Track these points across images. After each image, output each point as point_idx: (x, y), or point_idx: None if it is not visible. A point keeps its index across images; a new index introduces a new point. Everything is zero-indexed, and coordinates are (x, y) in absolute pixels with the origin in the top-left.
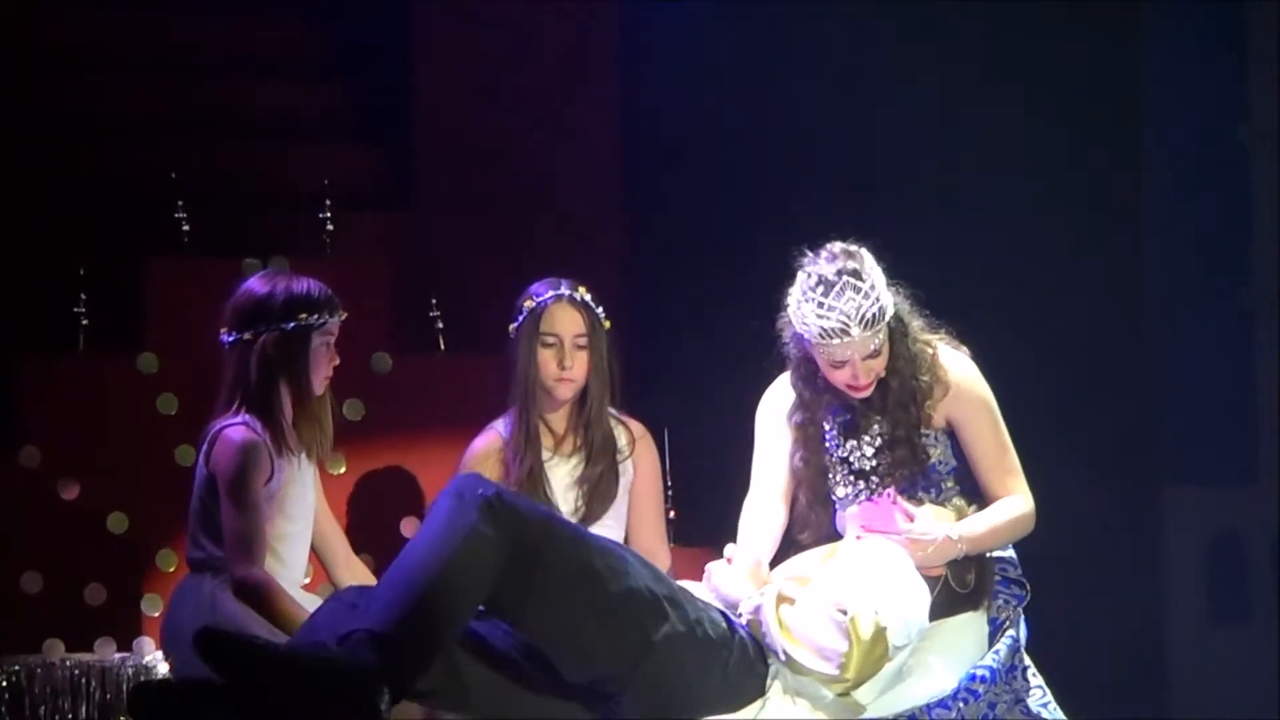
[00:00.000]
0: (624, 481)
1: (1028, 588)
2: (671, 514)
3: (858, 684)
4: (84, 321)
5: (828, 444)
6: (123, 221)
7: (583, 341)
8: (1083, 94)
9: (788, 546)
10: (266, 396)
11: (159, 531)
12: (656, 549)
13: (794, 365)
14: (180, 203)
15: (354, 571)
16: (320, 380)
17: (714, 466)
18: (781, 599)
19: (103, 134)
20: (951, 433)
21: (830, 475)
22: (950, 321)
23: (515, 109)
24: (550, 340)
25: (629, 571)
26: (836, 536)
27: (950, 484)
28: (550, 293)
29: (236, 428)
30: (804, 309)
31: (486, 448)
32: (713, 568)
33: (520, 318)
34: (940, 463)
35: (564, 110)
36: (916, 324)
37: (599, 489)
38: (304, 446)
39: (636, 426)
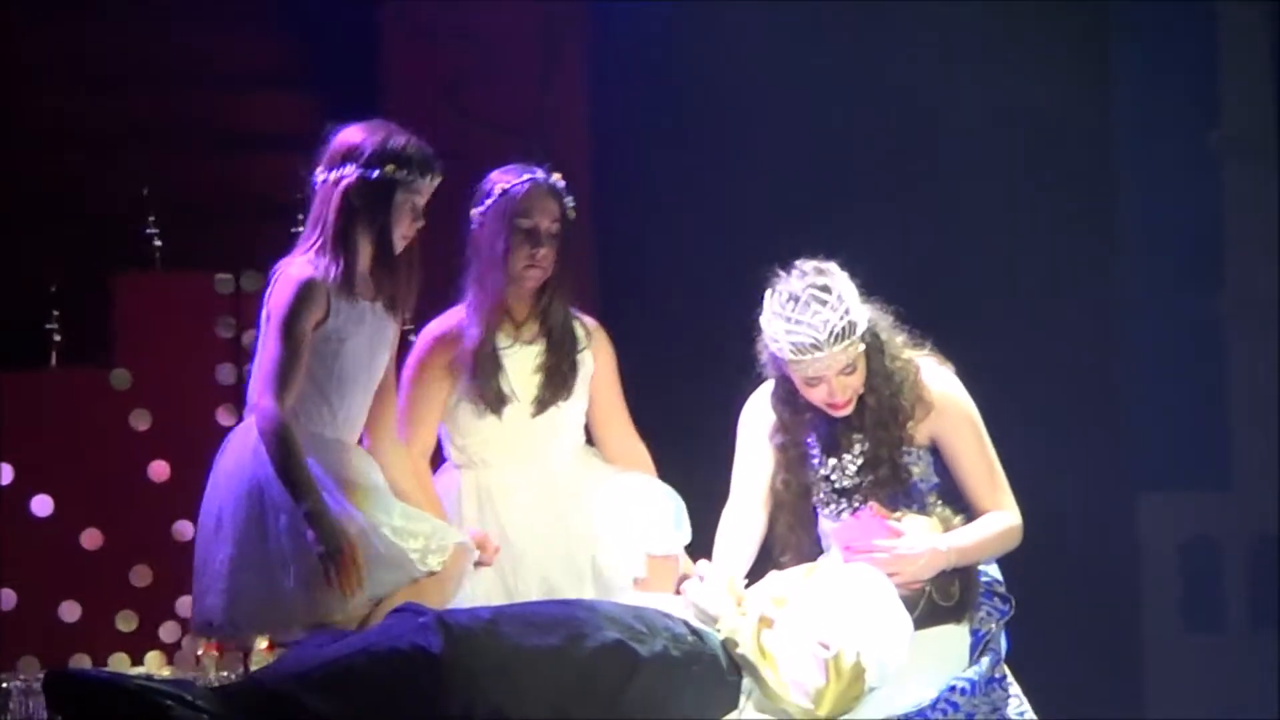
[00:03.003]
0: (583, 373)
1: (1012, 603)
2: None
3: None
4: (56, 338)
5: (809, 463)
6: (94, 237)
7: (555, 229)
8: (1053, 100)
9: (766, 562)
10: (340, 239)
11: (133, 547)
12: (626, 440)
13: (773, 386)
14: (151, 218)
15: (382, 449)
16: (399, 238)
17: (690, 478)
18: (762, 621)
19: (72, 149)
20: (934, 449)
21: (813, 493)
22: (923, 329)
23: (484, 118)
24: (525, 225)
25: (585, 632)
26: (818, 557)
27: (933, 499)
28: (526, 177)
29: (298, 264)
30: (775, 326)
31: (444, 334)
32: (689, 584)
33: (487, 201)
34: (922, 480)
35: (533, 119)
36: (897, 340)
37: (557, 378)
38: (380, 298)
39: (590, 321)
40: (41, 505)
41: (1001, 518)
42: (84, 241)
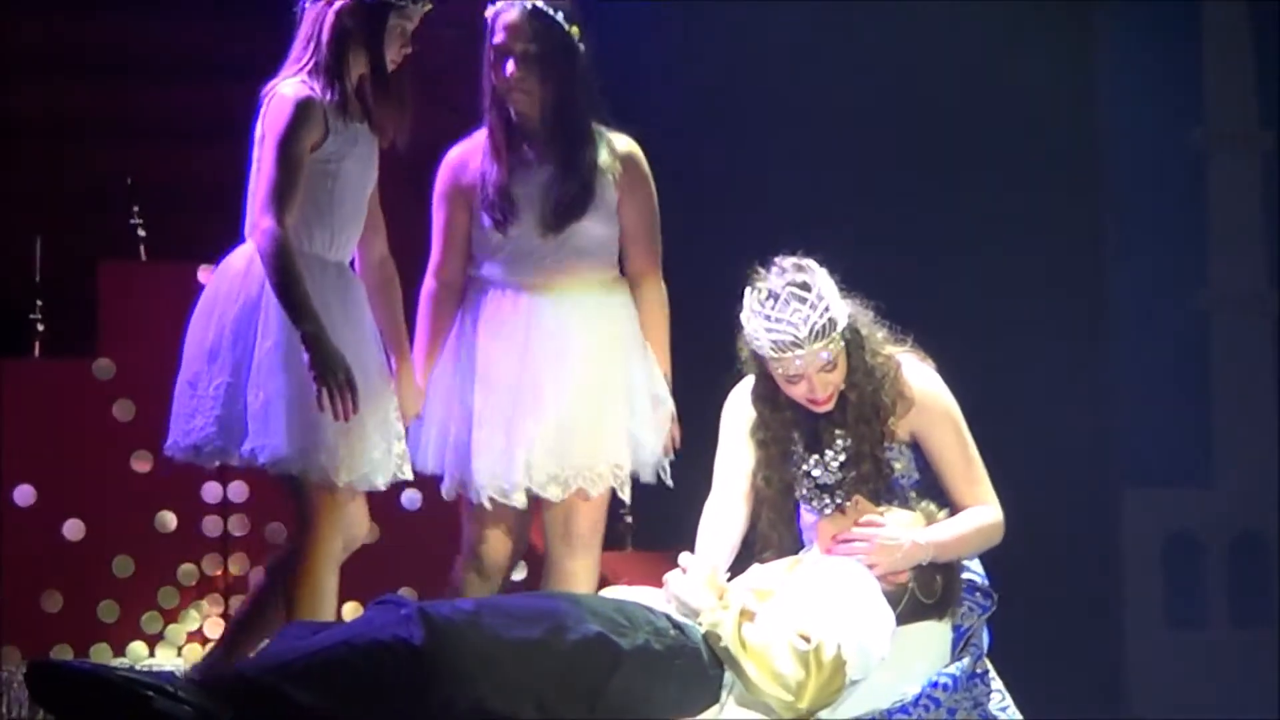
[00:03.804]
0: (604, 197)
1: (994, 598)
2: (629, 519)
3: (811, 712)
4: (39, 328)
5: (791, 459)
6: (78, 227)
7: (532, 50)
8: (1037, 97)
9: (748, 559)
10: (336, 60)
11: (116, 538)
12: (642, 275)
13: (754, 383)
14: (136, 208)
15: (370, 263)
16: (390, 61)
17: (674, 471)
18: (744, 614)
19: (57, 138)
20: (915, 445)
21: (795, 490)
22: (907, 325)
23: (461, 109)
24: (498, 47)
25: (567, 625)
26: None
27: (915, 495)
28: (509, 2)
29: (292, 84)
30: (754, 323)
31: (456, 158)
32: (671, 577)
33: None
34: (904, 476)
35: None
36: (878, 337)
37: (565, 200)
38: (371, 119)
39: (624, 144)
40: (24, 495)
41: (983, 513)
42: (68, 231)
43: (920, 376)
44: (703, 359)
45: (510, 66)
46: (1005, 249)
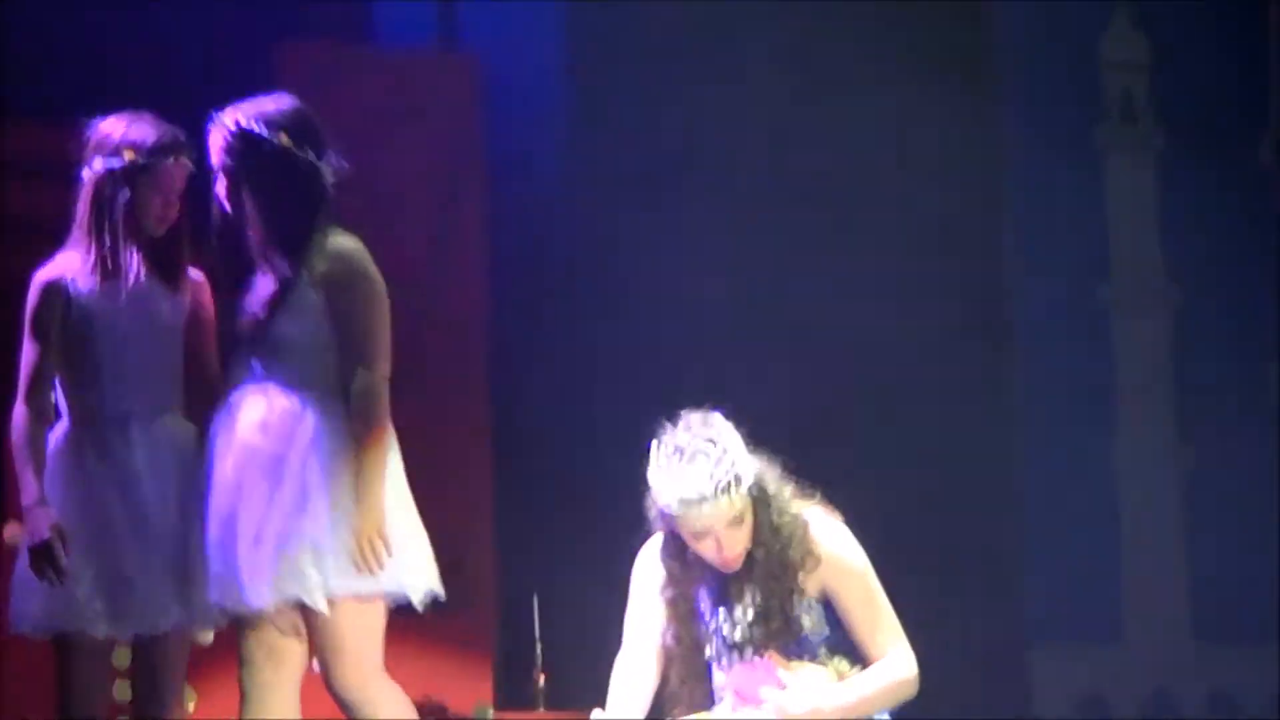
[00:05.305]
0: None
1: None
2: (542, 679)
3: None
4: None
5: (700, 617)
6: None
7: (228, 165)
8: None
9: (660, 713)
10: (93, 229)
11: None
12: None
13: (662, 540)
14: None
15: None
16: (154, 220)
17: (587, 628)
18: None
19: None
20: (825, 601)
21: (706, 647)
22: (815, 469)
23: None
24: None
25: None
26: None
27: (825, 651)
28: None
29: (47, 267)
30: (660, 478)
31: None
32: None
33: None
34: (813, 633)
35: (435, 227)
36: (785, 494)
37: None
38: (149, 278)
39: (339, 242)
40: None
41: (893, 669)
42: None
43: (828, 533)
44: (608, 512)
45: (220, 184)
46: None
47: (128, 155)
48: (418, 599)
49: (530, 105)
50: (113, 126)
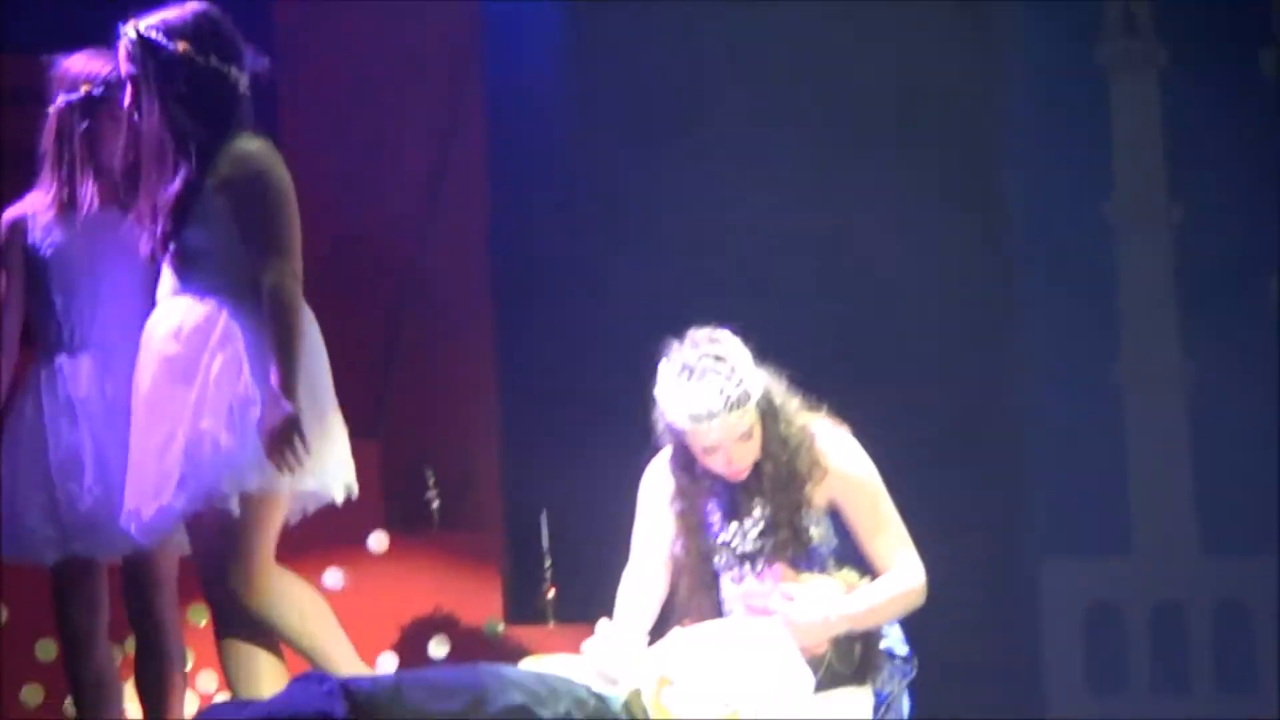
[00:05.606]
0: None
1: (914, 663)
2: (551, 593)
3: None
4: None
5: (709, 528)
6: None
7: (134, 73)
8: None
9: (667, 625)
10: (55, 163)
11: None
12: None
13: (671, 452)
14: None
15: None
16: (115, 151)
17: (595, 543)
18: (662, 681)
19: None
20: (833, 512)
21: (715, 559)
22: (822, 389)
23: (381, 198)
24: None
25: (489, 696)
26: None
27: (833, 562)
28: None
29: (21, 202)
30: (670, 396)
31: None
32: (590, 645)
33: None
34: (822, 543)
35: (432, 204)
36: (792, 406)
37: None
38: (114, 207)
39: (244, 145)
40: None
41: (901, 580)
42: None
43: (835, 444)
44: (617, 428)
45: (127, 93)
46: (923, 313)
47: (84, 88)
48: (339, 497)
49: (530, 40)
50: (73, 61)
